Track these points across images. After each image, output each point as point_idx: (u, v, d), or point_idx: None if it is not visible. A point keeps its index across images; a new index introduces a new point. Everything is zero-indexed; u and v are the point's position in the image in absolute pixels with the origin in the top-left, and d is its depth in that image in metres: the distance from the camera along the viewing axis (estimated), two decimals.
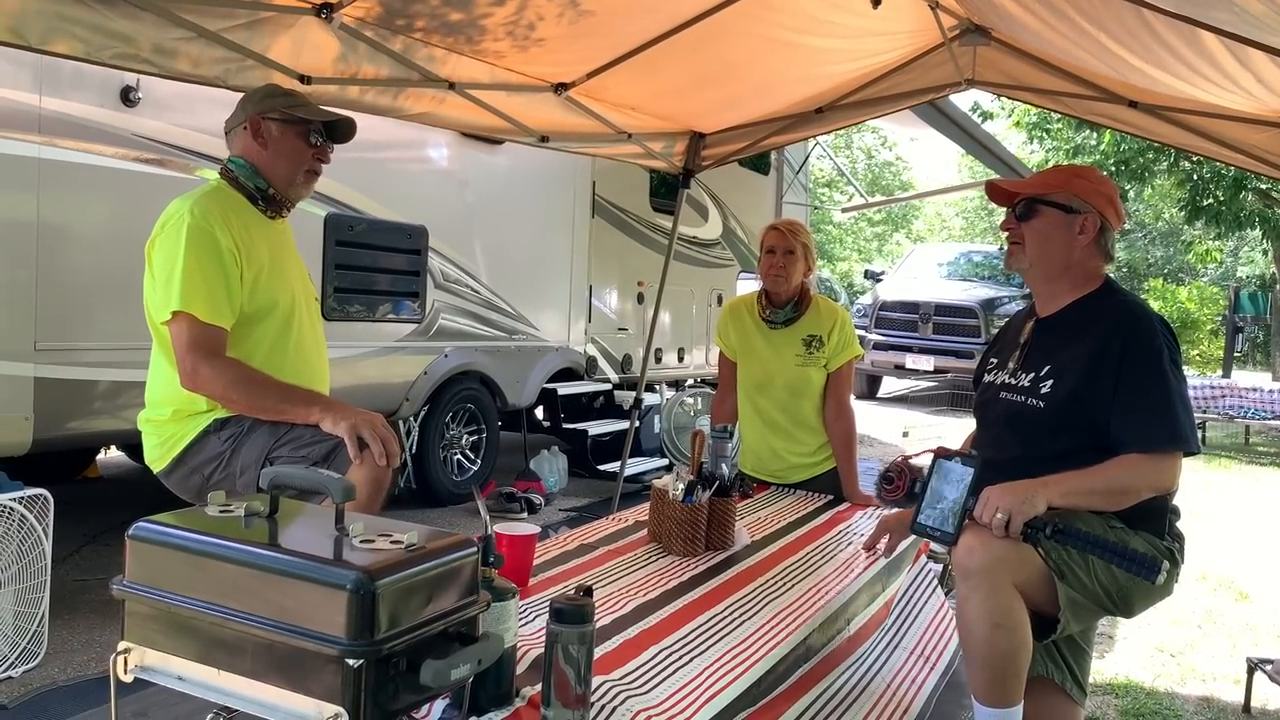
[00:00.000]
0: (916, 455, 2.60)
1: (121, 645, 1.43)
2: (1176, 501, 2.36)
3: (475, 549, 1.49)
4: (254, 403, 2.38)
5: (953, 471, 2.17)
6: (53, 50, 2.55)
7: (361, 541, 1.41)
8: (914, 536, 2.48)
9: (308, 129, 2.55)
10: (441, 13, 3.22)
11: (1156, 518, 2.29)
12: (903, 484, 2.27)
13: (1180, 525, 2.41)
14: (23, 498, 3.33)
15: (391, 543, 1.41)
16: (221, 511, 1.50)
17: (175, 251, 2.35)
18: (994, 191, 2.51)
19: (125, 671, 1.42)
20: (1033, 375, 2.39)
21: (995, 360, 2.59)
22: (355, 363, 5.37)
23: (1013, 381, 2.44)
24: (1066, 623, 2.17)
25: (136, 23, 2.65)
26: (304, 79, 3.15)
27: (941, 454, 2.21)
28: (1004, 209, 2.52)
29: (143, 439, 2.54)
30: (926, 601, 3.10)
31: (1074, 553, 2.15)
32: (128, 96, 4.05)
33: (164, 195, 2.50)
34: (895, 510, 2.90)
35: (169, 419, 2.47)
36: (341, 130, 2.62)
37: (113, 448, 6.01)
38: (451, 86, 3.61)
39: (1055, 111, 5.22)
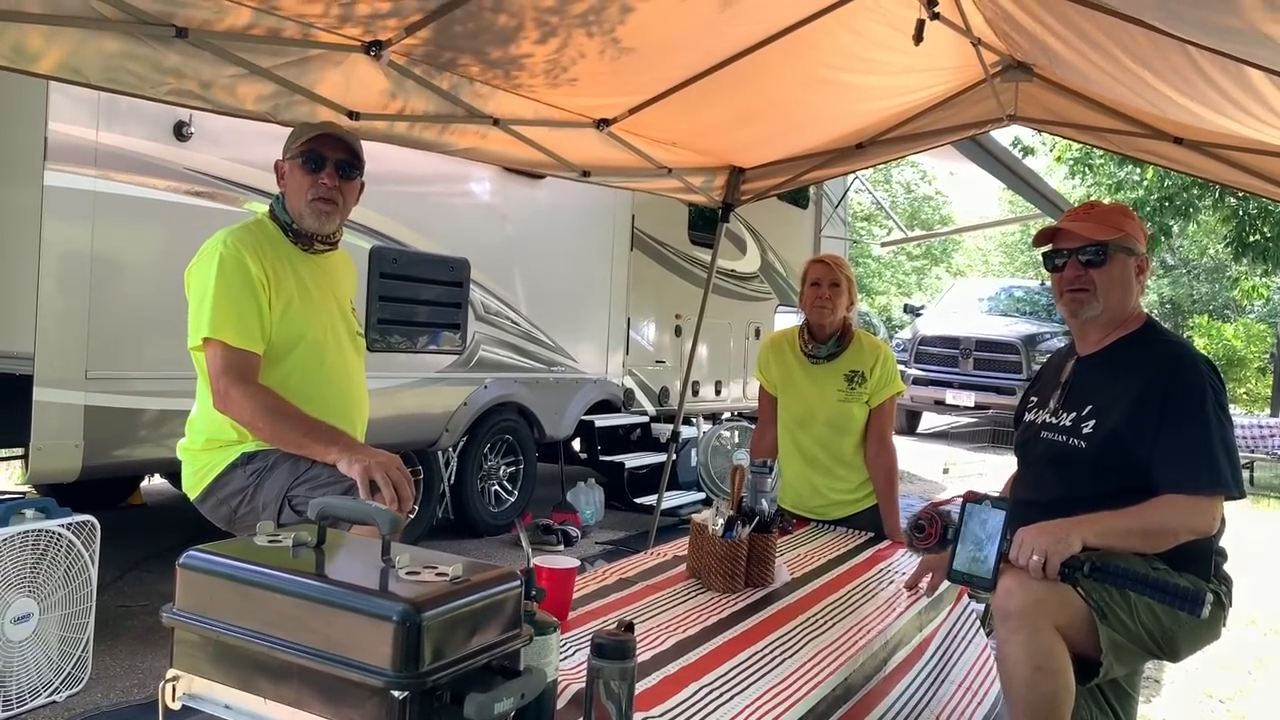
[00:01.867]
0: (946, 502, 2.58)
1: (170, 673, 1.45)
2: (1223, 544, 2.32)
3: (519, 582, 1.49)
4: (278, 433, 2.40)
5: (984, 515, 2.14)
6: (111, 87, 2.63)
7: (407, 573, 1.41)
8: None
9: (305, 159, 2.56)
10: (485, 51, 3.27)
11: (1201, 560, 2.25)
12: (935, 531, 2.24)
13: (1228, 568, 2.36)
14: (71, 524, 3.38)
15: (437, 575, 1.42)
16: (270, 541, 1.52)
17: (207, 278, 2.41)
18: (1065, 236, 2.41)
19: (174, 699, 1.44)
20: (1074, 415, 2.36)
21: (1036, 399, 2.57)
22: (396, 393, 5.42)
23: (1054, 421, 2.42)
24: (1109, 666, 2.13)
25: (191, 60, 2.72)
26: (352, 115, 3.22)
27: (971, 498, 2.19)
28: (1039, 248, 2.49)
29: (182, 467, 2.59)
30: (971, 640, 3.06)
31: (1116, 593, 2.12)
32: (181, 131, 4.14)
33: (214, 228, 2.55)
34: None
35: (201, 448, 2.51)
36: (333, 152, 2.56)
37: (156, 475, 6.10)
38: (496, 122, 3.67)
39: (1098, 148, 5.19)
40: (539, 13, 3.03)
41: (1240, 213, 12.99)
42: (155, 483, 6.57)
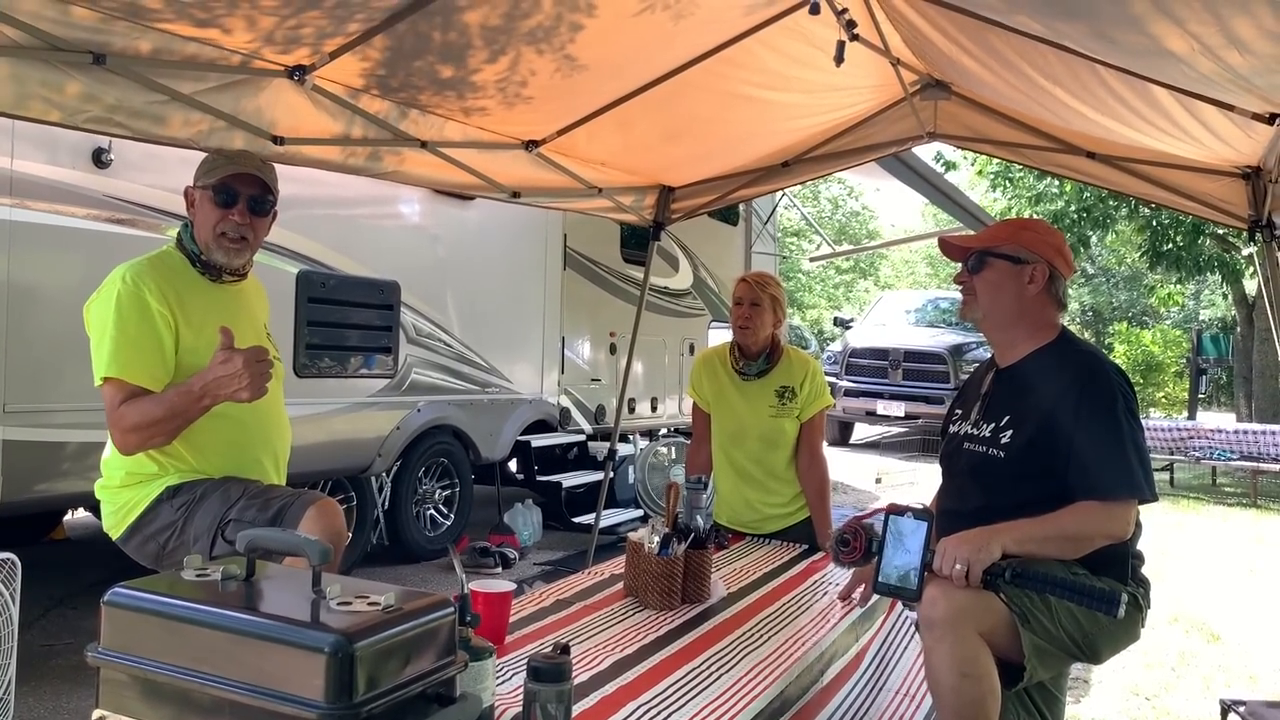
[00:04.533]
0: (868, 515, 2.63)
1: (96, 713, 1.42)
2: (1141, 546, 2.40)
3: (452, 609, 1.50)
4: (175, 425, 2.35)
5: (907, 527, 2.18)
6: (26, 115, 2.56)
7: (339, 604, 1.41)
8: None
9: (216, 192, 2.54)
10: (409, 75, 3.26)
11: (1119, 563, 2.33)
12: (859, 545, 2.28)
13: (1150, 567, 2.44)
14: None
15: (369, 604, 1.41)
16: (198, 575, 1.50)
17: (106, 317, 2.38)
18: (947, 247, 2.59)
19: None
20: (993, 426, 2.44)
21: (959, 411, 2.64)
22: (327, 419, 5.35)
23: (975, 432, 2.49)
24: (1033, 670, 2.19)
25: (110, 87, 2.67)
26: (277, 139, 3.18)
27: (893, 510, 2.23)
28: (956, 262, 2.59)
29: (101, 507, 2.53)
30: (908, 646, 3.11)
31: (1037, 599, 2.17)
32: (100, 158, 4.07)
33: (135, 255, 2.51)
34: None
35: (121, 484, 2.46)
36: (246, 187, 2.56)
37: (80, 509, 5.94)
38: (424, 145, 3.65)
39: (1016, 163, 5.35)
40: (467, 36, 3.03)
41: (1154, 223, 13.45)
42: (79, 517, 6.39)
